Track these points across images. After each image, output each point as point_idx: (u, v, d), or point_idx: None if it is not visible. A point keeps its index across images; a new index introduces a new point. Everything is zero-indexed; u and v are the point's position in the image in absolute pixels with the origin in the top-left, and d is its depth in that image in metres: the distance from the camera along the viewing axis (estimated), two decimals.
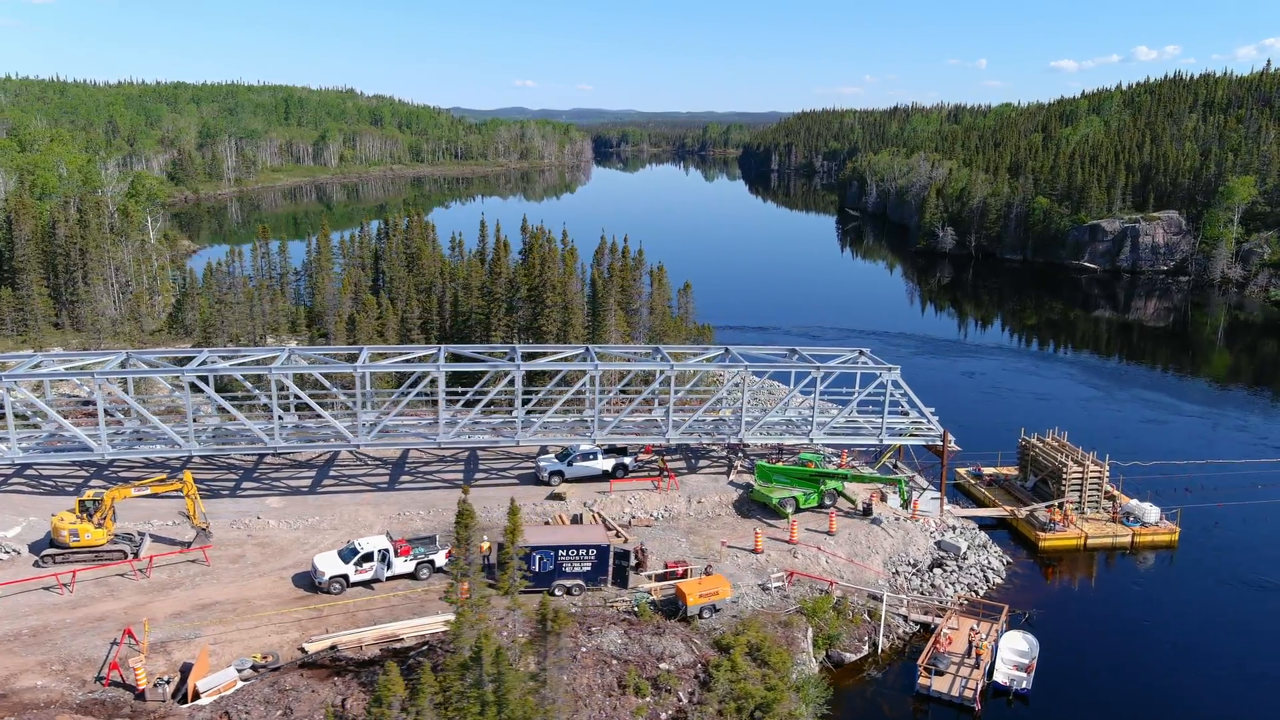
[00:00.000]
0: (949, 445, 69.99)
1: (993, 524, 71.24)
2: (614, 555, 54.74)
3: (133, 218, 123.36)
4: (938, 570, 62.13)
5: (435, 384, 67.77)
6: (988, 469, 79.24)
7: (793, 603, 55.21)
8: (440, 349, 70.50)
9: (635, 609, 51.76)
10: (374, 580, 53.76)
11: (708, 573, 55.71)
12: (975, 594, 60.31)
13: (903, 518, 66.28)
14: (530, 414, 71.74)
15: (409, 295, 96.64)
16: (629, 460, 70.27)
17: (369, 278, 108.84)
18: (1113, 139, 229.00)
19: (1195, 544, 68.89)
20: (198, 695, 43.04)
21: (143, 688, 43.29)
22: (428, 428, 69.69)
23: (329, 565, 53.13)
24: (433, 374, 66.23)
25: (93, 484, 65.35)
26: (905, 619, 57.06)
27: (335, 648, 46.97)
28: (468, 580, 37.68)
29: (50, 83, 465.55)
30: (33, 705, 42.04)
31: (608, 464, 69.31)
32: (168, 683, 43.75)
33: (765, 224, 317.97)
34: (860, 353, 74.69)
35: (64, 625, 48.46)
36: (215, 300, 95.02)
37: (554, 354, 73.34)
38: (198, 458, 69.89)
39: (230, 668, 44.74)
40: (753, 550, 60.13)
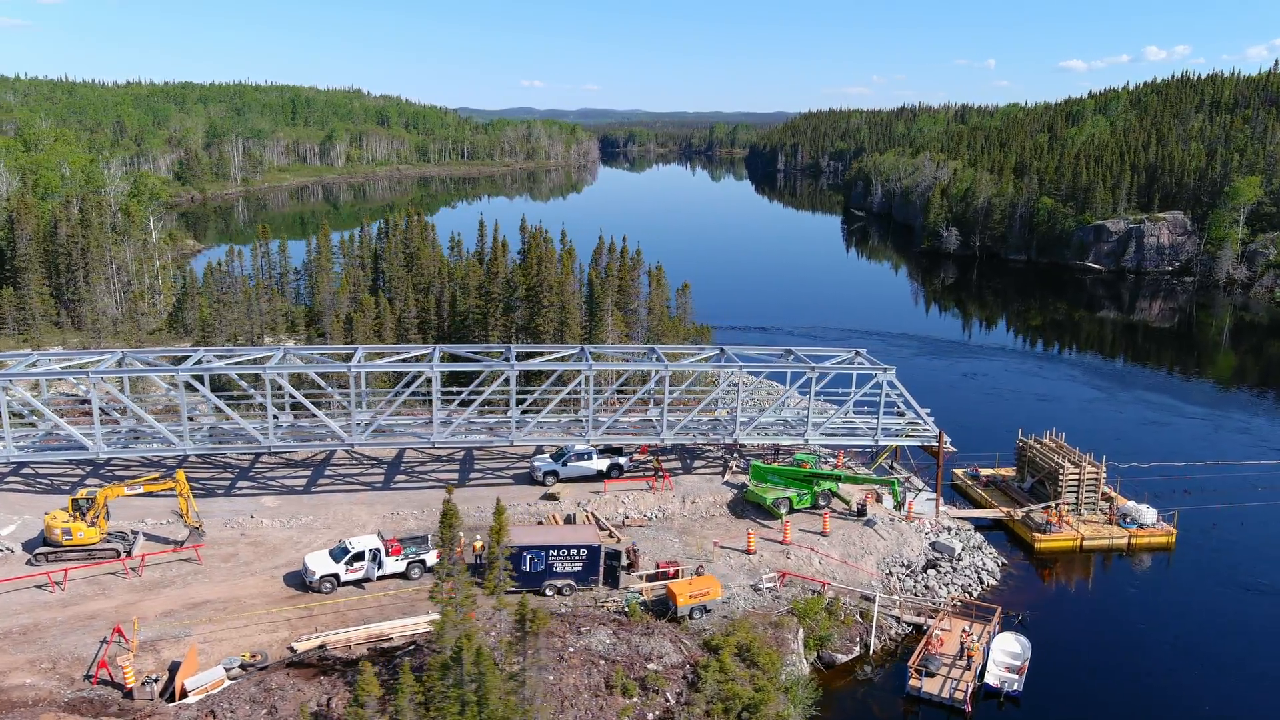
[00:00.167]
0: (945, 446, 69.82)
1: (989, 525, 70.98)
2: (605, 555, 54.69)
3: (134, 217, 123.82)
4: (932, 571, 61.92)
5: (430, 384, 67.87)
6: (985, 470, 78.95)
7: (784, 603, 55.09)
8: (435, 349, 70.55)
9: (626, 609, 51.69)
10: (365, 580, 53.79)
11: (699, 573, 55.65)
12: (969, 595, 60.13)
13: (897, 519, 66.11)
14: (525, 414, 71.78)
15: (407, 295, 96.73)
16: (624, 460, 70.20)
17: (369, 277, 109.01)
18: (1118, 139, 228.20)
19: (1192, 546, 68.57)
20: (185, 694, 43.14)
21: (131, 686, 43.35)
22: (422, 427, 69.76)
23: (320, 564, 53.18)
24: (427, 374, 66.24)
25: (89, 483, 65.53)
26: (898, 620, 56.89)
27: (324, 647, 47.00)
28: (452, 580, 37.62)
29: (59, 83, 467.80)
30: (21, 703, 42.13)
31: (602, 464, 69.26)
32: (155, 681, 43.84)
33: (771, 224, 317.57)
34: (856, 353, 74.51)
35: (55, 623, 48.59)
36: (214, 300, 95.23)
37: (549, 354, 73.29)
38: (194, 457, 70.11)
39: (218, 666, 44.80)
40: (745, 551, 60.04)
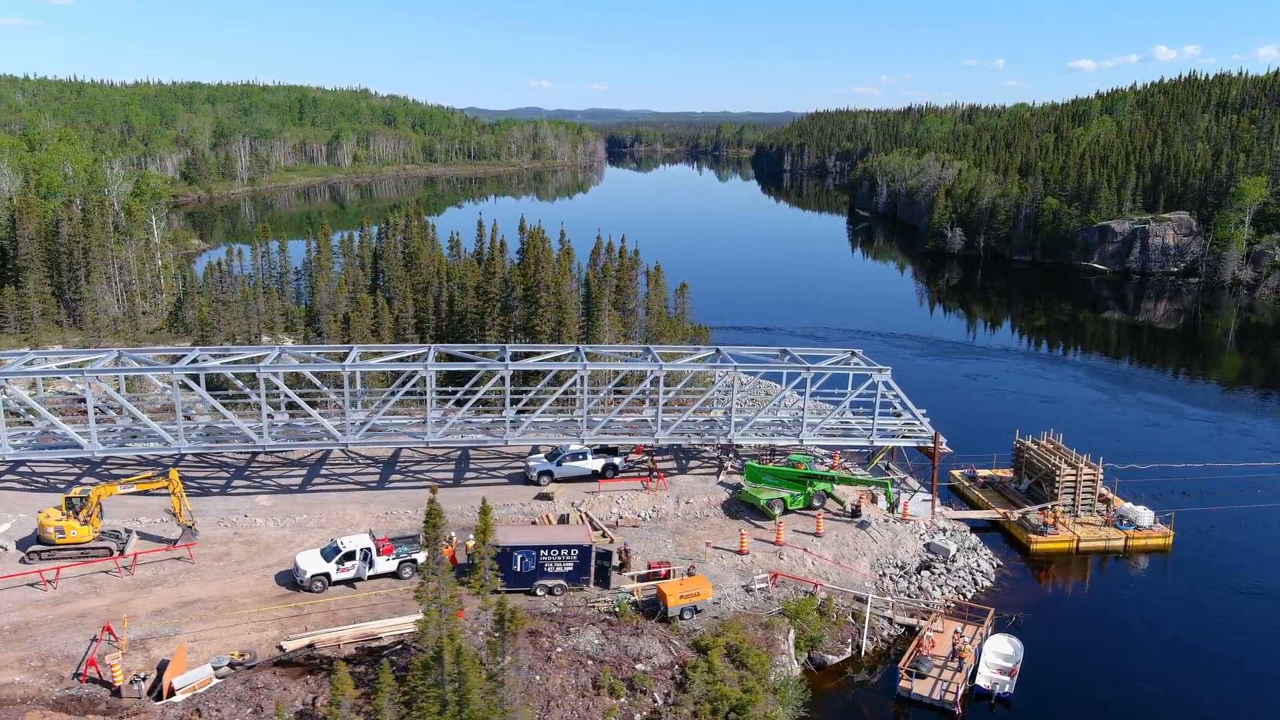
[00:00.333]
0: (940, 447, 69.62)
1: (986, 527, 70.74)
2: (596, 555, 54.63)
3: (136, 217, 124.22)
4: (925, 573, 61.71)
5: (425, 383, 67.92)
6: (983, 471, 78.67)
7: (776, 604, 54.97)
8: (430, 349, 70.59)
9: (616, 610, 51.64)
10: (356, 579, 53.84)
11: (690, 573, 55.56)
12: (963, 597, 59.91)
13: (891, 520, 65.91)
14: (521, 414, 71.76)
15: (405, 295, 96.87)
16: (619, 460, 70.15)
17: (368, 277, 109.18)
18: (1124, 139, 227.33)
19: (1189, 548, 68.24)
20: (173, 692, 43.24)
21: (119, 685, 43.46)
22: (417, 427, 69.82)
23: (311, 564, 53.25)
24: (421, 373, 66.28)
25: (85, 481, 65.73)
26: (890, 621, 56.73)
27: (313, 646, 47.04)
28: (437, 579, 37.59)
29: (68, 83, 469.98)
30: (9, 701, 42.26)
31: (597, 464, 69.22)
32: (144, 680, 43.92)
33: (777, 225, 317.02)
34: (852, 353, 74.33)
35: (45, 622, 48.73)
36: (213, 300, 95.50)
37: (544, 354, 73.26)
38: (191, 456, 70.32)
39: (206, 665, 44.87)
40: (738, 551, 59.93)
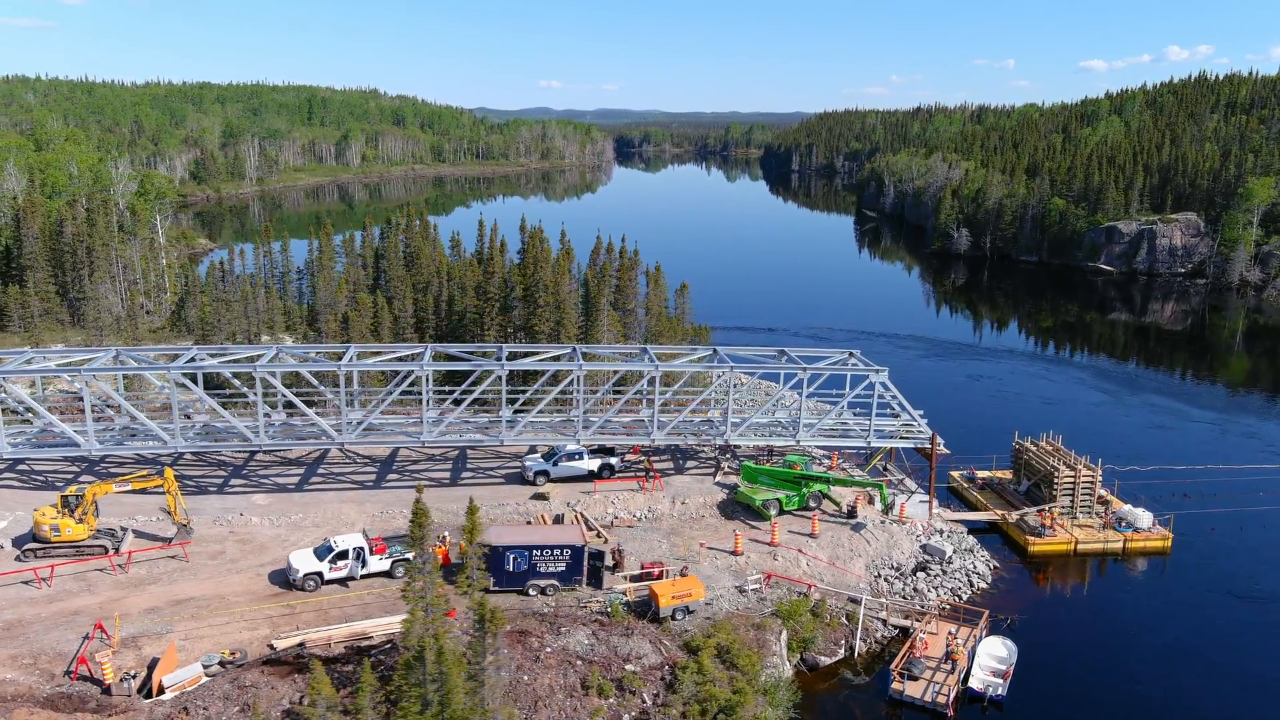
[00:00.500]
0: (938, 448, 69.36)
1: (984, 528, 70.45)
2: (589, 556, 54.58)
3: (141, 216, 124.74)
4: (921, 574, 61.51)
5: (423, 383, 67.99)
6: (982, 472, 78.37)
7: (769, 605, 54.84)
8: (427, 348, 70.64)
9: (608, 610, 51.57)
10: (348, 578, 53.92)
11: (683, 574, 55.48)
12: (958, 599, 59.68)
13: (887, 521, 65.69)
14: (518, 414, 71.78)
15: (405, 294, 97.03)
16: (615, 461, 70.11)
17: (370, 277, 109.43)
18: (1132, 140, 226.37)
19: (1188, 550, 67.84)
20: (162, 690, 43.36)
21: (109, 682, 43.61)
22: (413, 426, 69.87)
23: (303, 562, 53.35)
24: (416, 373, 66.35)
25: (83, 480, 65.94)
26: (884, 623, 56.53)
27: (303, 645, 47.12)
28: (423, 579, 37.57)
29: (78, 83, 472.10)
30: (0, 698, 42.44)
31: (593, 464, 69.21)
32: (134, 677, 44.08)
33: (784, 225, 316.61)
34: (850, 354, 74.13)
35: (38, 619, 48.91)
36: (213, 299, 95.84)
37: (540, 354, 73.25)
38: (190, 454, 70.61)
39: (196, 663, 44.98)
40: (732, 552, 59.82)
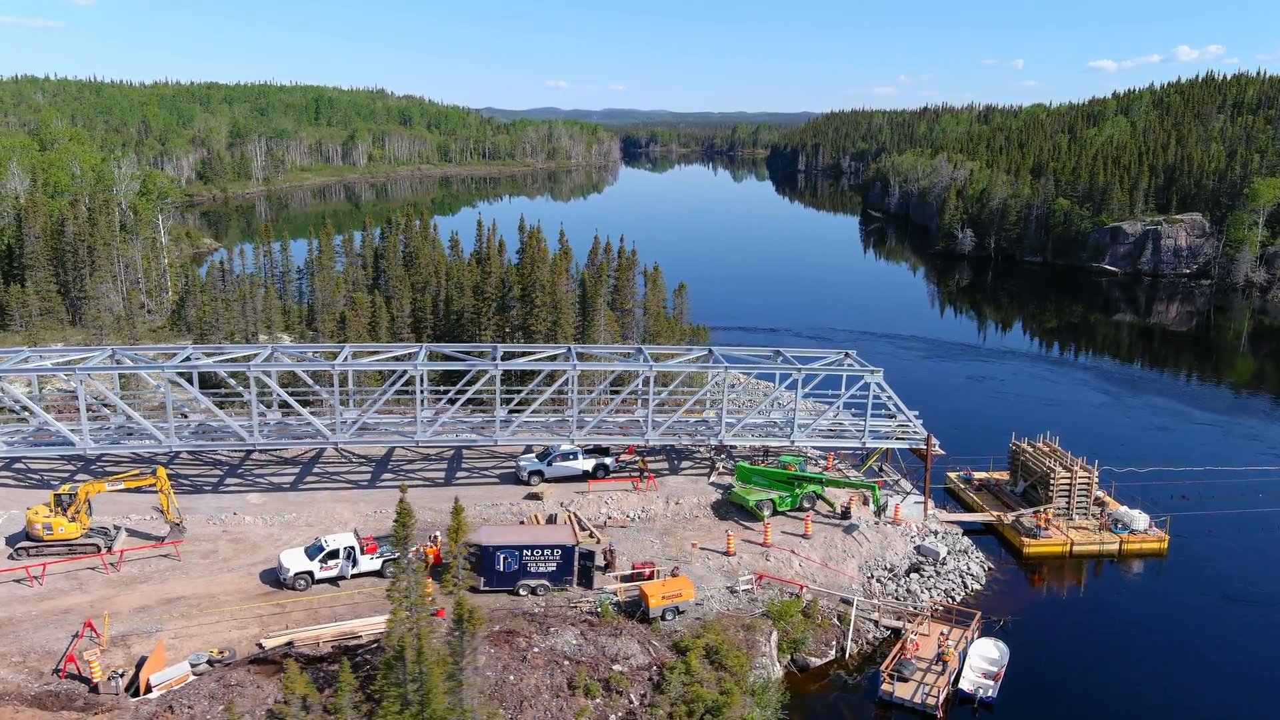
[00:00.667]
0: (933, 449, 69.16)
1: (980, 530, 70.24)
2: (579, 556, 54.53)
3: (143, 216, 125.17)
4: (915, 575, 61.30)
5: (418, 382, 67.99)
6: (979, 474, 78.11)
7: (760, 606, 54.73)
8: (422, 348, 70.69)
9: (598, 610, 51.52)
10: (339, 577, 53.98)
11: (674, 574, 55.39)
12: (952, 600, 59.47)
13: (880, 523, 65.50)
14: (513, 413, 71.80)
15: (403, 294, 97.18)
16: (610, 461, 70.04)
17: (369, 277, 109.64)
18: (1138, 140, 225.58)
19: (1185, 552, 67.51)
20: (149, 689, 43.42)
21: (97, 681, 43.71)
22: (408, 426, 69.93)
23: (294, 562, 53.41)
24: (410, 372, 66.39)
25: (79, 478, 66.11)
26: (876, 624, 56.35)
27: (291, 644, 47.18)
28: (406, 579, 37.54)
29: (87, 83, 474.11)
30: None
31: (588, 464, 69.14)
32: (121, 676, 44.17)
33: (789, 225, 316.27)
34: (846, 354, 73.97)
35: (29, 617, 49.04)
36: (211, 298, 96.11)
37: (535, 354, 73.22)
38: (186, 454, 70.76)
39: (184, 662, 45.04)
40: (724, 552, 59.71)
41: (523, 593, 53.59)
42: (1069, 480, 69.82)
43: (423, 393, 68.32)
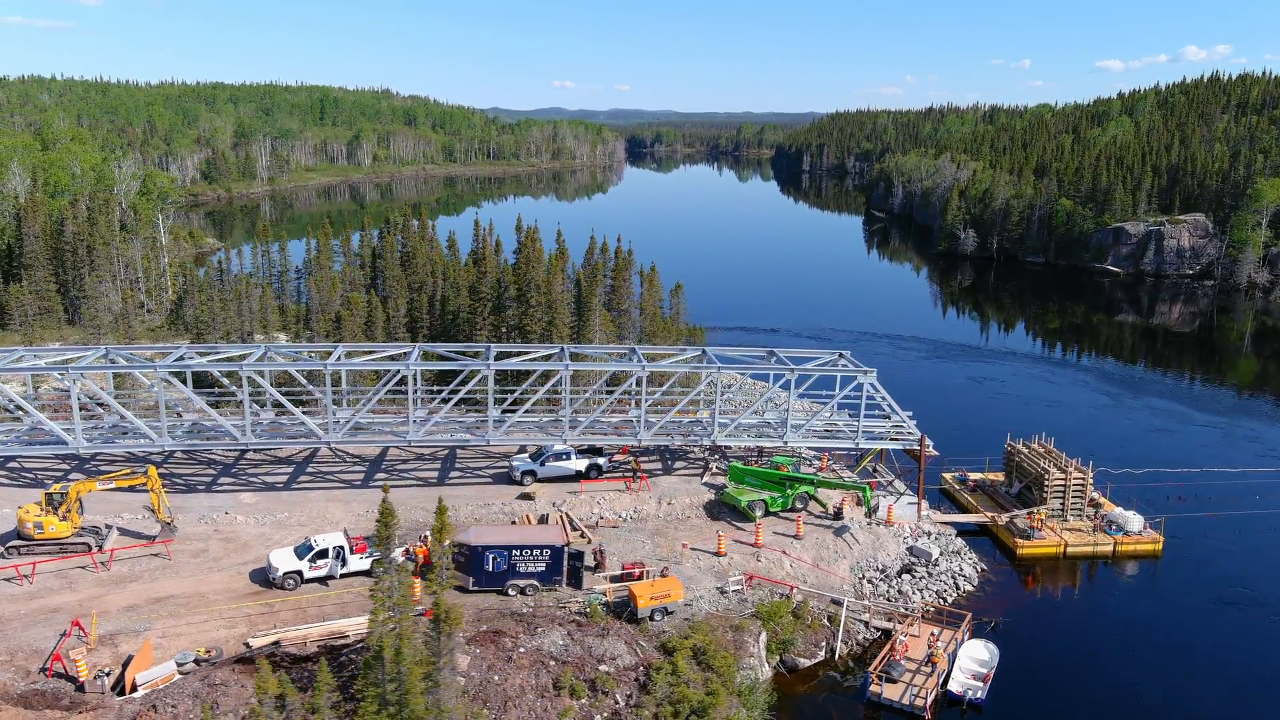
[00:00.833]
0: (926, 449, 68.98)
1: (974, 531, 70.02)
2: (569, 556, 54.46)
3: (142, 215, 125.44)
4: (906, 576, 61.13)
5: (411, 382, 68.03)
6: (974, 474, 77.89)
7: (749, 606, 54.60)
8: (415, 348, 70.71)
9: (587, 610, 51.45)
10: (329, 577, 54.00)
11: (664, 575, 55.29)
12: (944, 601, 59.28)
13: (872, 523, 65.33)
14: (506, 413, 71.78)
15: (400, 294, 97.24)
16: (603, 461, 69.99)
17: (367, 277, 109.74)
18: (1141, 140, 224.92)
19: (1179, 554, 67.21)
20: (135, 688, 43.46)
21: (83, 680, 43.77)
22: (400, 425, 69.94)
23: (283, 561, 53.43)
24: (402, 372, 66.39)
25: (73, 477, 66.28)
26: (866, 625, 56.19)
27: (278, 643, 47.19)
28: (388, 580, 37.52)
29: (93, 83, 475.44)
30: None
31: (581, 464, 69.10)
32: (107, 675, 44.17)
33: (793, 225, 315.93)
34: (840, 355, 73.83)
35: (18, 616, 49.12)
36: (207, 298, 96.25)
37: (528, 354, 73.19)
38: (180, 453, 70.87)
39: (170, 661, 45.08)
40: (715, 553, 59.60)
41: (511, 593, 53.53)
42: (1063, 481, 69.59)
43: (416, 392, 68.36)
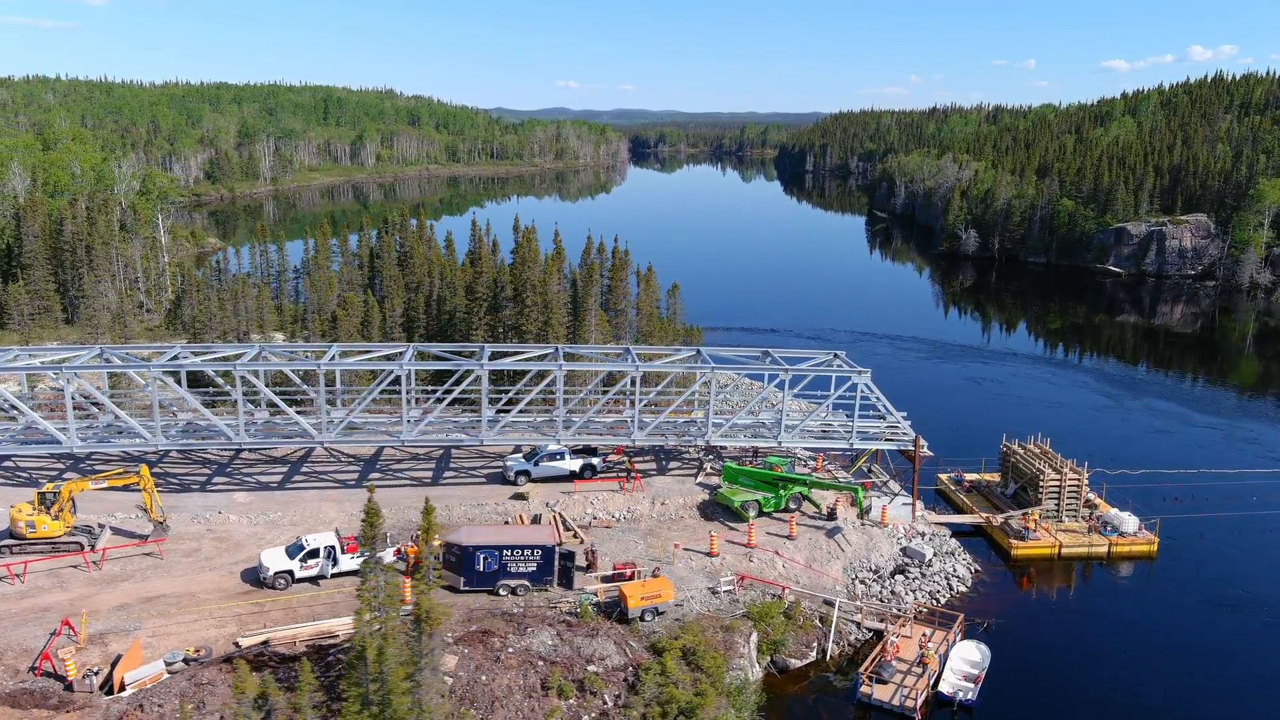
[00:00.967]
0: (921, 450, 68.82)
1: (970, 531, 69.92)
2: (560, 556, 54.40)
3: (141, 215, 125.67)
4: (900, 577, 61.01)
5: (404, 382, 67.98)
6: (970, 475, 77.75)
7: (741, 607, 54.52)
8: (410, 347, 70.69)
9: (577, 610, 51.41)
10: (319, 576, 53.99)
11: (655, 575, 55.24)
12: (937, 602, 59.17)
13: (864, 524, 65.22)
14: (500, 413, 71.73)
15: (396, 294, 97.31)
16: (597, 461, 69.90)
17: (365, 277, 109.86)
18: (1143, 140, 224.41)
19: (1175, 555, 67.05)
20: (124, 687, 43.49)
21: (72, 679, 43.81)
22: (394, 425, 69.91)
23: (274, 561, 53.44)
24: (396, 372, 66.38)
25: (67, 476, 66.34)
26: (858, 626, 56.09)
27: (267, 643, 47.21)
28: (373, 580, 37.46)
29: (97, 83, 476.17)
30: None
31: (575, 464, 69.01)
32: (96, 674, 44.22)
33: (796, 225, 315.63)
34: (835, 355, 73.70)
35: (8, 615, 49.17)
36: (204, 297, 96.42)
37: (522, 353, 73.15)
38: (176, 453, 70.91)
39: (159, 661, 45.12)
40: (708, 553, 59.52)
41: (502, 593, 53.50)
42: (1058, 482, 69.41)
43: (409, 392, 68.31)
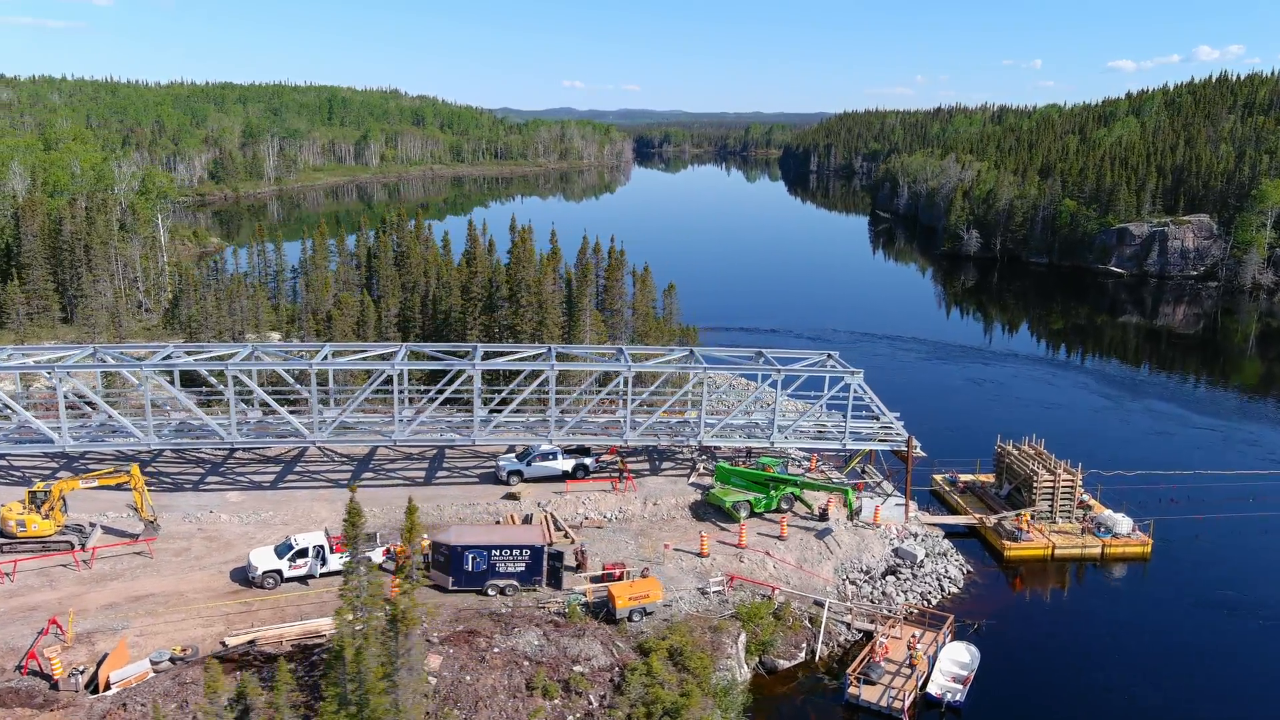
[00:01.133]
0: (914, 450, 68.68)
1: (963, 532, 69.73)
2: (548, 556, 54.37)
3: (141, 215, 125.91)
4: (891, 578, 60.86)
5: (396, 382, 68.02)
6: (964, 476, 77.54)
7: (730, 607, 54.44)
8: (402, 347, 70.73)
9: (566, 611, 51.37)
10: (308, 576, 54.03)
11: (644, 575, 55.17)
12: (928, 603, 59.01)
13: (855, 525, 65.08)
14: (493, 413, 71.74)
15: (392, 294, 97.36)
16: (590, 461, 69.89)
17: (362, 277, 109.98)
18: (1146, 140, 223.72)
19: (1169, 557, 66.79)
20: (109, 686, 43.54)
21: (58, 678, 43.88)
22: (386, 425, 69.97)
23: (263, 560, 53.49)
24: (388, 372, 66.40)
25: (60, 475, 66.48)
26: (848, 626, 55.96)
27: (254, 643, 47.25)
28: (356, 579, 37.45)
29: (103, 83, 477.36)
30: None
31: (567, 464, 69.02)
32: (81, 673, 44.29)
33: (800, 225, 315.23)
34: (828, 355, 73.56)
35: None
36: (200, 297, 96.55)
37: (515, 353, 73.12)
38: (170, 452, 71.04)
39: (145, 660, 45.17)
40: (698, 554, 59.44)
41: (491, 593, 53.47)
42: (1052, 483, 69.19)
43: (402, 392, 68.35)
